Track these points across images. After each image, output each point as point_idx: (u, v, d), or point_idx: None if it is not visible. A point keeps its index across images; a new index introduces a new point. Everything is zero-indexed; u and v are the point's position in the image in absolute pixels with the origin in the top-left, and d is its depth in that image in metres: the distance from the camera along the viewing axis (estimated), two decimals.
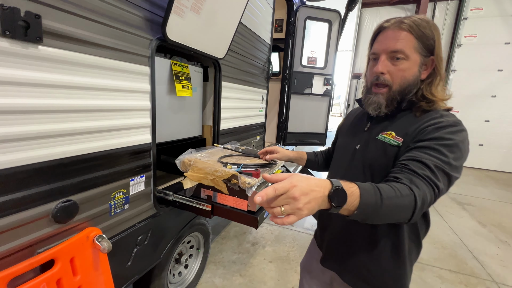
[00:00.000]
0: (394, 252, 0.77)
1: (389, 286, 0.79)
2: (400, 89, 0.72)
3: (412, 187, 0.57)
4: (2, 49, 0.60)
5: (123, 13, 0.90)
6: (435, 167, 0.60)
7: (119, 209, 1.00)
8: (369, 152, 0.77)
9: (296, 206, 0.47)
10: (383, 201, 0.54)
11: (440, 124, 0.66)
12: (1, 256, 0.66)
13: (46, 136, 0.71)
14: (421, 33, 0.68)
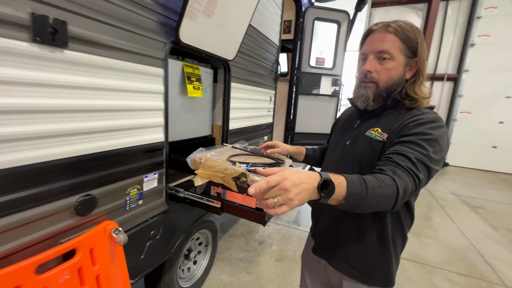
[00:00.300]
0: (379, 241, 0.82)
1: (375, 271, 0.84)
2: (386, 87, 0.78)
3: (395, 178, 0.62)
4: (33, 54, 0.65)
5: (140, 18, 0.95)
6: (416, 160, 0.65)
7: (133, 204, 1.05)
8: (358, 147, 0.83)
9: (288, 197, 0.50)
10: (368, 191, 0.59)
11: (421, 120, 0.71)
12: (29, 245, 0.71)
13: (70, 134, 0.77)
14: (405, 36, 0.74)
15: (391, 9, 6.64)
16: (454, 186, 4.77)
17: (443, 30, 6.22)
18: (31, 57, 0.65)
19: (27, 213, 0.70)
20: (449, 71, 6.34)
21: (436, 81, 6.49)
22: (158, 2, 1.02)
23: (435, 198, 4.05)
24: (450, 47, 6.27)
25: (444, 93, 6.48)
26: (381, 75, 0.77)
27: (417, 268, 2.23)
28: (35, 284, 0.68)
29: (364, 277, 0.85)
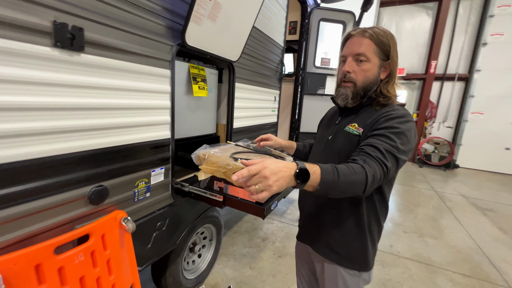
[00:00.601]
0: (357, 228, 0.90)
1: (352, 254, 0.91)
2: (363, 86, 0.86)
3: (365, 166, 0.69)
4: (54, 58, 0.73)
5: (149, 23, 1.02)
6: (385, 150, 0.72)
7: (141, 196, 1.13)
8: (338, 141, 0.91)
9: (267, 184, 0.57)
10: (339, 178, 0.65)
11: (391, 116, 0.79)
12: (49, 228, 0.80)
13: (86, 129, 0.85)
14: (379, 41, 0.82)
15: (400, 9, 6.57)
16: (463, 188, 4.68)
17: (454, 29, 6.11)
18: (52, 61, 0.73)
19: (48, 200, 0.78)
20: (460, 71, 6.22)
21: (447, 81, 6.38)
22: (165, 7, 1.09)
23: (443, 200, 4.00)
24: (461, 47, 6.15)
25: (455, 93, 6.36)
26: (358, 75, 0.85)
27: (420, 267, 2.23)
28: (54, 263, 0.76)
29: (343, 261, 0.92)
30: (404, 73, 6.67)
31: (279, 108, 2.72)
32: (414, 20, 6.50)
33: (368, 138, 0.78)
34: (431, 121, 6.52)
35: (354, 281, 0.93)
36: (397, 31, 6.69)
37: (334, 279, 0.94)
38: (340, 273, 0.93)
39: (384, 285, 1.98)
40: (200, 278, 1.82)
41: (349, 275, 0.92)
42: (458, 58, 6.21)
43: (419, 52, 6.54)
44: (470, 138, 6.21)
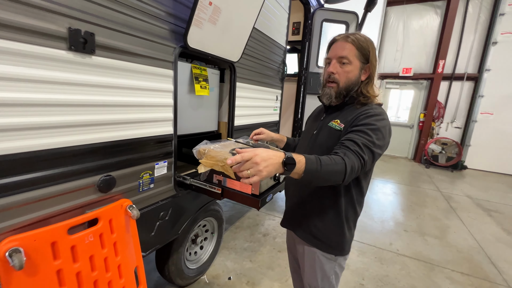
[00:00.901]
0: (335, 216, 0.99)
1: (330, 240, 1.00)
2: (345, 86, 0.95)
3: (344, 158, 0.78)
4: (69, 60, 0.83)
5: (154, 27, 1.11)
6: (362, 145, 0.81)
7: (146, 187, 1.22)
8: (321, 136, 1.01)
9: (258, 169, 0.66)
10: (322, 167, 0.74)
11: (369, 114, 0.89)
12: (63, 212, 0.90)
13: (96, 124, 0.94)
14: (360, 46, 0.91)
15: (407, 7, 6.51)
16: (470, 189, 4.62)
17: (463, 28, 6.01)
18: (68, 62, 0.83)
19: (63, 186, 0.88)
20: (469, 70, 6.11)
21: (455, 81, 6.28)
22: (169, 12, 1.18)
23: (448, 200, 3.97)
24: (470, 46, 6.04)
25: (464, 93, 6.26)
26: (341, 76, 0.94)
27: (418, 265, 2.26)
28: (67, 242, 0.85)
29: (322, 245, 1.01)
30: (411, 73, 6.60)
31: (281, 107, 2.78)
32: (422, 19, 6.43)
33: (348, 133, 0.87)
34: (438, 121, 6.43)
35: (331, 264, 1.03)
36: (404, 30, 6.64)
37: (313, 262, 1.04)
38: (318, 257, 1.02)
39: (381, 281, 2.02)
40: (201, 269, 1.91)
41: (326, 259, 1.02)
42: (467, 57, 6.10)
43: (427, 52, 6.46)
44: (479, 139, 6.10)
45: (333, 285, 1.07)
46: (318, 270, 1.03)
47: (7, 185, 0.74)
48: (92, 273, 0.92)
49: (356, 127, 0.86)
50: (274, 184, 1.33)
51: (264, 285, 1.90)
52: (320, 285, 1.05)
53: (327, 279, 1.04)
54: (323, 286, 1.05)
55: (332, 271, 1.04)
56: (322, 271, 1.03)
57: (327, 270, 1.03)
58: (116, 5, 0.94)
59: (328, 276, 1.04)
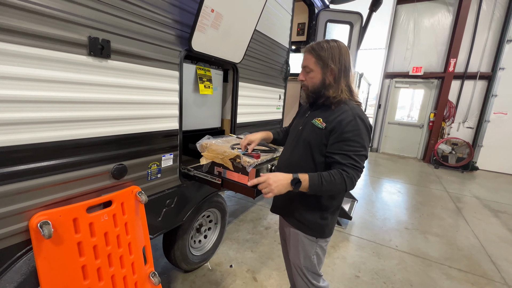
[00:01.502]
0: (314, 202, 1.12)
1: (311, 222, 1.14)
2: (312, 90, 1.10)
3: (343, 173, 0.97)
4: (88, 63, 0.97)
5: (161, 33, 1.25)
6: (354, 155, 0.98)
7: (153, 177, 1.37)
8: (306, 131, 1.13)
9: (270, 188, 0.95)
10: (323, 183, 0.96)
11: (349, 119, 1.00)
12: (83, 194, 1.05)
13: (112, 119, 1.09)
14: (317, 54, 1.05)
15: (418, 5, 6.41)
16: (479, 190, 4.55)
17: (476, 26, 5.87)
18: (88, 66, 0.97)
19: (82, 172, 1.03)
20: (482, 69, 5.96)
21: (468, 80, 6.14)
22: (174, 19, 1.31)
23: (454, 200, 3.94)
24: (483, 44, 5.89)
25: (476, 92, 6.11)
26: (308, 82, 1.10)
27: (416, 261, 2.30)
28: (86, 219, 1.00)
29: (304, 228, 1.15)
30: (421, 72, 6.51)
31: (284, 106, 2.88)
32: (434, 17, 6.32)
33: (337, 143, 1.00)
34: (449, 121, 6.31)
35: (312, 245, 1.16)
36: (415, 28, 6.54)
37: (296, 243, 1.18)
38: (301, 238, 1.16)
39: (377, 274, 2.09)
40: (205, 256, 2.05)
41: (308, 240, 1.15)
42: (480, 56, 5.95)
43: (438, 50, 6.35)
44: (492, 139, 5.94)
45: (314, 265, 1.20)
46: (301, 250, 1.17)
47: (40, 168, 0.89)
48: (107, 247, 1.07)
49: (343, 135, 0.99)
50: None
51: (263, 273, 2.01)
52: (302, 263, 1.19)
53: (308, 258, 1.18)
54: (305, 265, 1.19)
55: (313, 251, 1.17)
56: (304, 251, 1.17)
57: (308, 250, 1.16)
58: (128, 15, 1.08)
59: (309, 256, 1.18)
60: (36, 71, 0.84)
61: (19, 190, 0.86)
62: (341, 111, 1.03)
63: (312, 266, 1.19)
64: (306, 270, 1.20)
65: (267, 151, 1.49)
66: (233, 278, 1.94)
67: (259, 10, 1.65)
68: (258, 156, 1.36)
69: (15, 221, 0.87)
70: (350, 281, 1.99)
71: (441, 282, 2.04)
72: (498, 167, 5.98)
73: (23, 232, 0.90)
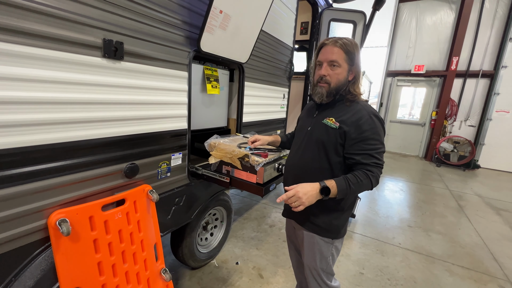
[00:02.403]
0: (332, 202, 1.08)
1: (328, 224, 1.12)
2: (335, 87, 1.06)
3: (368, 173, 0.99)
4: (103, 65, 1.00)
5: (171, 35, 1.27)
6: (376, 153, 0.99)
7: (163, 175, 1.39)
8: (316, 131, 1.11)
9: (301, 201, 0.94)
10: (350, 186, 0.97)
11: (365, 118, 1.00)
12: (97, 192, 1.07)
13: (124, 119, 1.11)
14: (347, 50, 1.03)
15: (421, 3, 6.40)
16: (481, 188, 4.56)
17: (478, 24, 5.85)
18: (102, 67, 1.00)
19: (97, 171, 1.05)
20: (485, 67, 5.96)
21: (470, 78, 6.14)
22: (184, 21, 1.33)
23: (456, 199, 3.96)
24: (486, 42, 5.88)
25: (479, 90, 6.11)
26: (332, 78, 1.05)
27: (419, 258, 2.33)
28: (101, 217, 1.03)
29: (320, 230, 1.13)
30: (423, 70, 6.50)
31: (288, 105, 2.90)
32: (436, 15, 6.30)
33: (358, 144, 1.01)
34: (451, 119, 6.31)
35: (328, 247, 1.14)
36: (417, 26, 6.53)
37: (312, 246, 1.16)
38: (316, 240, 1.14)
39: (381, 271, 2.12)
40: (211, 253, 2.08)
41: (324, 242, 1.13)
42: (482, 54, 5.94)
43: (440, 48, 6.34)
44: (494, 138, 5.95)
45: (330, 265, 1.19)
46: (317, 252, 1.15)
47: (57, 167, 0.92)
48: (121, 244, 1.09)
49: (361, 134, 1.00)
50: (277, 175, 1.47)
51: (269, 270, 2.04)
52: (318, 265, 1.17)
53: (325, 260, 1.17)
54: (321, 266, 1.18)
55: (329, 252, 1.15)
56: (320, 252, 1.15)
57: (324, 252, 1.15)
58: (140, 17, 1.10)
59: (326, 257, 1.16)
60: (53, 73, 0.86)
61: (38, 189, 0.89)
62: (354, 110, 1.03)
63: (328, 267, 1.18)
64: (321, 271, 1.18)
65: (274, 150, 1.51)
66: (239, 275, 1.97)
67: (266, 10, 1.67)
68: (266, 155, 1.38)
69: (34, 219, 0.90)
70: (355, 277, 2.02)
71: (444, 279, 2.07)
72: (500, 165, 5.99)
73: (42, 229, 0.93)
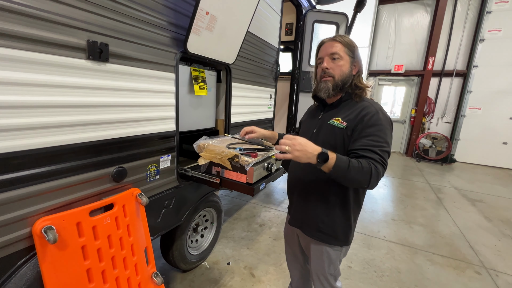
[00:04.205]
0: (341, 211, 1.07)
1: (337, 232, 1.09)
2: (340, 79, 1.03)
3: (371, 164, 0.88)
4: (87, 67, 0.97)
5: (157, 36, 1.25)
6: (379, 150, 0.91)
7: (152, 178, 1.37)
8: (322, 133, 1.08)
9: (294, 148, 0.86)
10: (350, 167, 0.86)
11: (372, 113, 0.97)
12: (84, 198, 1.04)
13: (110, 122, 1.09)
14: (346, 43, 1.03)
15: (398, 6, 6.67)
16: (457, 181, 4.84)
17: (452, 26, 6.20)
18: (87, 69, 0.97)
19: (83, 176, 1.02)
20: (458, 66, 6.32)
21: (445, 77, 6.48)
22: (170, 22, 1.32)
23: (435, 192, 4.18)
24: (459, 43, 6.24)
25: (453, 89, 6.46)
26: (336, 70, 1.03)
27: (403, 249, 2.44)
28: (89, 222, 1.00)
29: (329, 239, 1.09)
30: (403, 70, 6.79)
31: (275, 105, 2.93)
32: (413, 17, 6.60)
33: (361, 139, 0.94)
34: (429, 116, 6.64)
35: (336, 254, 1.13)
36: (396, 28, 6.81)
37: (320, 254, 1.14)
38: (325, 249, 1.11)
39: (368, 264, 2.20)
40: (202, 255, 2.07)
41: (333, 250, 1.11)
42: (456, 54, 6.30)
43: (417, 49, 6.65)
44: (468, 133, 6.32)
45: (338, 270, 1.19)
46: (326, 260, 1.13)
47: (41, 173, 0.89)
48: (110, 250, 1.07)
49: (366, 129, 0.94)
50: (267, 174, 1.49)
51: (260, 269, 2.06)
52: (327, 271, 1.15)
53: (333, 265, 1.15)
54: (330, 272, 1.16)
55: (338, 258, 1.14)
56: (329, 259, 1.13)
57: (333, 259, 1.13)
58: (125, 18, 1.09)
59: (334, 263, 1.15)
60: (35, 75, 0.84)
61: (21, 196, 0.85)
62: (361, 107, 1.00)
63: (336, 271, 1.18)
64: (329, 275, 1.16)
65: (263, 150, 1.53)
66: (231, 275, 1.98)
67: (252, 12, 1.68)
68: (256, 155, 1.40)
69: (17, 228, 0.86)
70: (344, 271, 2.08)
71: (426, 268, 2.18)
72: (473, 159, 6.37)
73: (26, 238, 0.89)
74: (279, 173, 1.64)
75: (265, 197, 3.54)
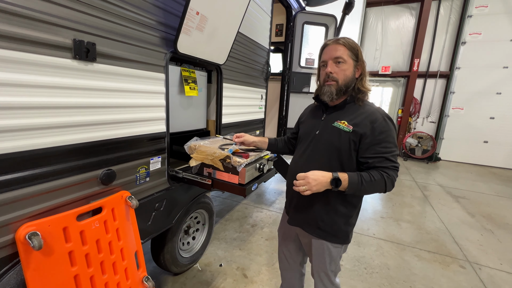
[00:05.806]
0: (341, 209, 1.09)
1: (337, 231, 1.12)
2: (344, 83, 1.05)
3: (383, 174, 0.97)
4: (73, 67, 0.94)
5: (147, 35, 1.23)
6: (391, 156, 0.98)
7: (142, 180, 1.35)
8: (326, 135, 1.08)
9: (310, 186, 0.94)
10: (363, 183, 0.95)
11: (380, 120, 1.00)
12: (71, 201, 1.01)
13: (98, 123, 1.06)
14: (350, 46, 1.04)
15: (385, 9, 6.84)
16: (442, 179, 5.01)
17: (435, 29, 6.41)
18: (73, 69, 0.94)
19: (70, 179, 0.99)
20: (442, 68, 6.54)
21: (430, 79, 6.69)
22: (160, 22, 1.30)
23: (421, 189, 4.31)
24: (442, 45, 6.46)
25: (437, 90, 6.68)
26: (339, 74, 1.04)
27: (391, 246, 2.50)
28: (77, 227, 0.97)
29: (330, 237, 1.12)
30: (390, 71, 6.96)
31: (266, 106, 2.94)
32: (399, 19, 6.78)
33: (374, 147, 0.99)
34: (415, 116, 6.84)
35: (337, 251, 1.15)
36: (383, 30, 6.97)
37: (321, 252, 1.15)
38: (327, 247, 1.13)
39: (358, 261, 2.25)
40: (194, 257, 2.05)
41: (334, 248, 1.14)
42: (439, 56, 6.52)
43: (403, 51, 6.84)
44: (451, 132, 6.56)
45: (339, 266, 1.21)
46: (327, 257, 1.15)
47: (25, 177, 0.85)
48: (99, 255, 1.04)
49: (376, 137, 0.99)
50: (259, 175, 1.49)
51: (253, 270, 2.06)
52: (328, 268, 1.18)
53: (334, 262, 1.18)
54: (331, 269, 1.18)
55: (338, 255, 1.17)
56: (330, 257, 1.15)
57: (334, 256, 1.15)
58: (113, 17, 1.06)
59: (335, 260, 1.17)
60: (18, 75, 0.80)
61: (3, 201, 0.82)
62: (367, 113, 1.02)
63: (337, 268, 1.20)
64: (330, 272, 1.18)
65: (256, 150, 1.53)
66: (223, 276, 1.97)
67: (242, 12, 1.68)
68: (247, 156, 1.40)
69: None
70: None
71: (414, 263, 2.25)
72: (457, 157, 6.61)
73: (9, 245, 0.85)
74: (271, 173, 1.65)
75: (257, 198, 3.54)
